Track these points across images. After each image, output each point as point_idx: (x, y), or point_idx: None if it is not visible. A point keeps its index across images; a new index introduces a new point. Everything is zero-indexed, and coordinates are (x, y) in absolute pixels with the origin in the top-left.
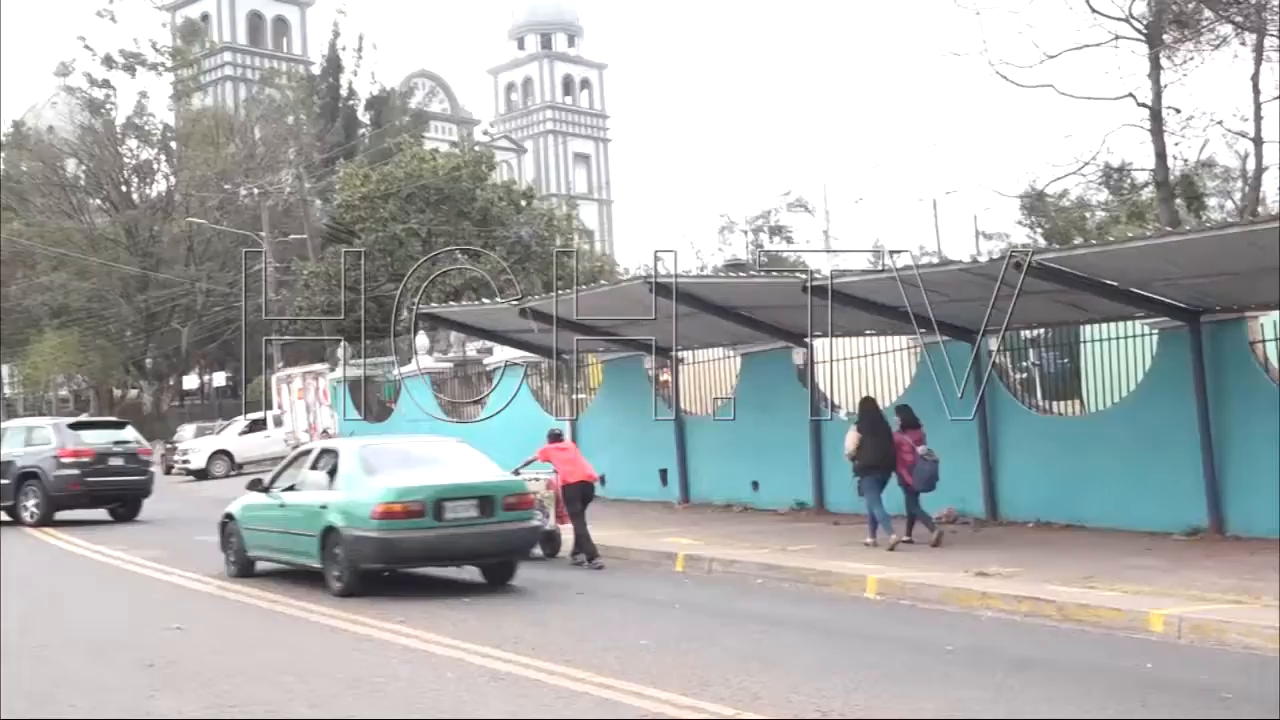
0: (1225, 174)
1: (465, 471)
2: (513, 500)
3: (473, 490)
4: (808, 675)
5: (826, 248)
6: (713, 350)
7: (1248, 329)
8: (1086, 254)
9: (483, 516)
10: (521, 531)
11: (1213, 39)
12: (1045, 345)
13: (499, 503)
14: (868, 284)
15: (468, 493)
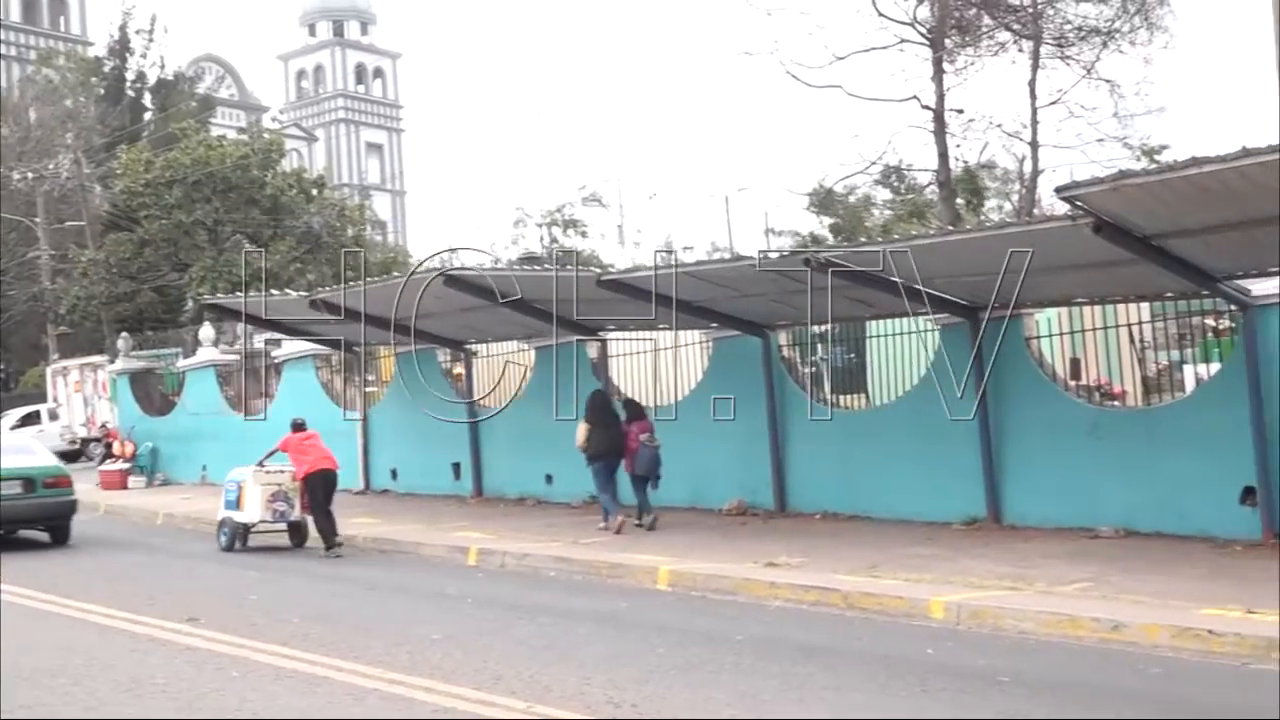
0: (1004, 176)
1: (16, 460)
2: (50, 481)
3: (16, 474)
4: (600, 667)
5: (621, 242)
6: (507, 343)
7: (1024, 326)
8: (870, 251)
9: (26, 493)
10: (57, 504)
11: (992, 45)
12: (833, 340)
13: (39, 483)
14: (660, 278)
15: (13, 475)
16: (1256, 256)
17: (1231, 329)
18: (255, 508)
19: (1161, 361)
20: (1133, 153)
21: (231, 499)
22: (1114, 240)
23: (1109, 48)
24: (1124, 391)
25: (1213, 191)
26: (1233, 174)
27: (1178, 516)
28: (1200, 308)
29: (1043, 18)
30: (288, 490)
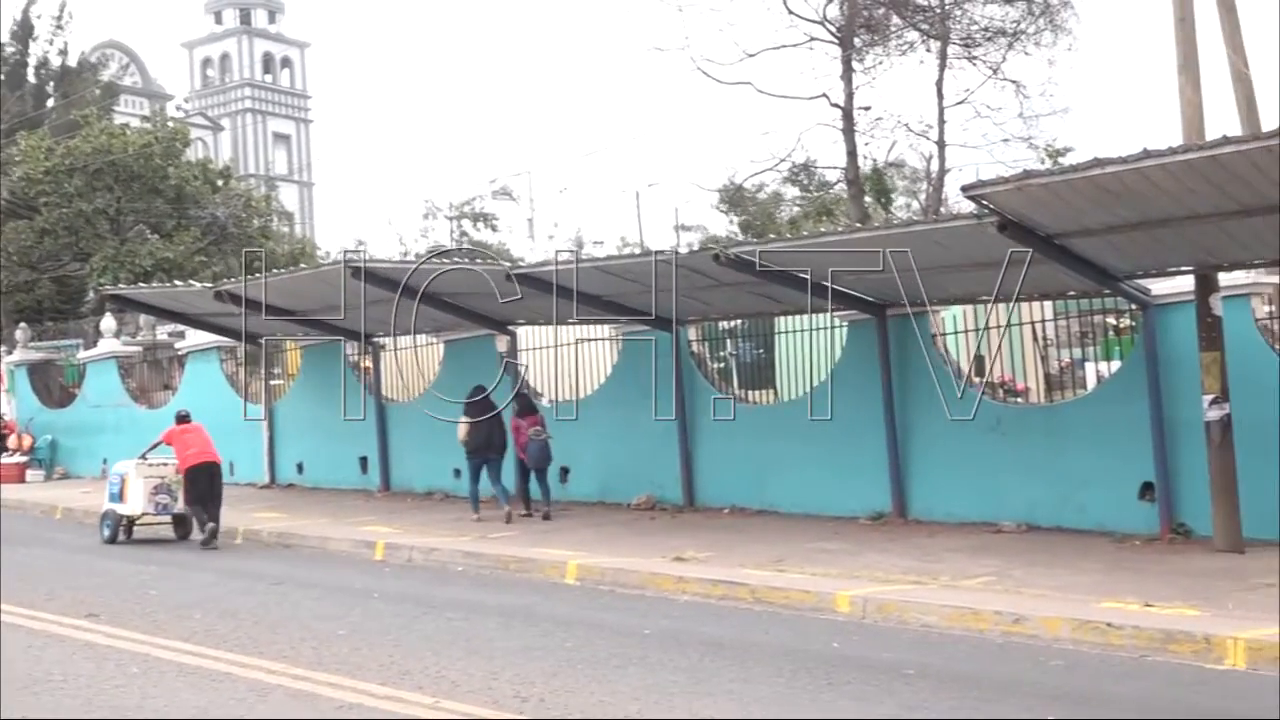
0: (912, 175)
1: None
2: None
3: None
4: (508, 662)
5: (531, 236)
6: (416, 337)
7: (930, 322)
8: (779, 248)
9: None
10: None
11: (901, 44)
12: (742, 336)
13: None
14: (570, 273)
15: None
16: (1157, 256)
17: (1132, 328)
18: (138, 500)
19: (1064, 359)
20: (1037, 153)
21: (115, 491)
22: (1018, 239)
23: (1014, 49)
24: (1027, 388)
25: (1114, 192)
26: (1134, 175)
27: (1078, 511)
28: (1102, 306)
29: (950, 18)
30: (170, 483)
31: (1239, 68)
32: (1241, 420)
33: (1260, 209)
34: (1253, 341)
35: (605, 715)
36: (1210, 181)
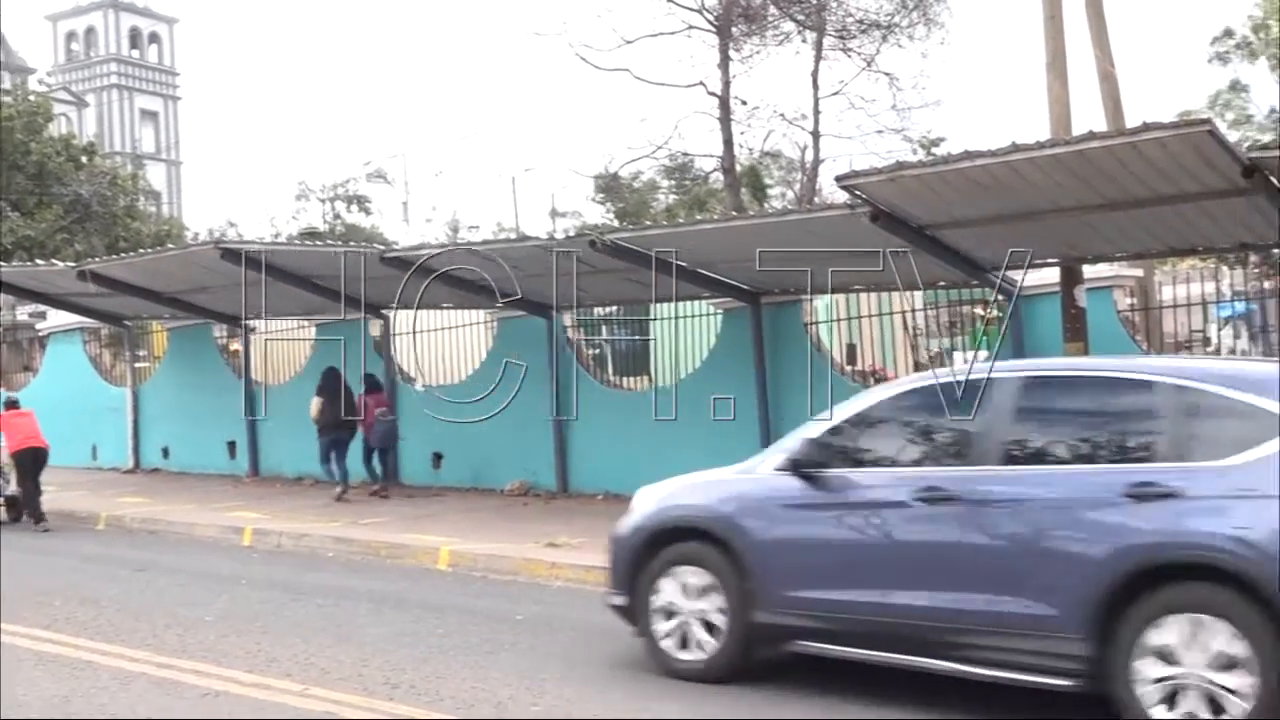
0: (788, 165)
1: None
2: None
3: None
4: (378, 648)
5: (406, 219)
6: (287, 320)
7: (803, 310)
8: (655, 234)
9: None
10: None
11: (777, 35)
12: (618, 322)
13: None
14: (444, 256)
15: None
16: (1024, 248)
17: (999, 318)
18: None
19: (933, 348)
20: (910, 145)
21: None
22: (890, 229)
23: (889, 41)
24: (897, 377)
25: (984, 185)
26: (1003, 168)
27: None
28: (970, 297)
29: (826, 10)
30: (3, 467)
31: (1105, 66)
32: None
33: (1123, 204)
34: (1115, 333)
35: (477, 701)
36: (1076, 176)
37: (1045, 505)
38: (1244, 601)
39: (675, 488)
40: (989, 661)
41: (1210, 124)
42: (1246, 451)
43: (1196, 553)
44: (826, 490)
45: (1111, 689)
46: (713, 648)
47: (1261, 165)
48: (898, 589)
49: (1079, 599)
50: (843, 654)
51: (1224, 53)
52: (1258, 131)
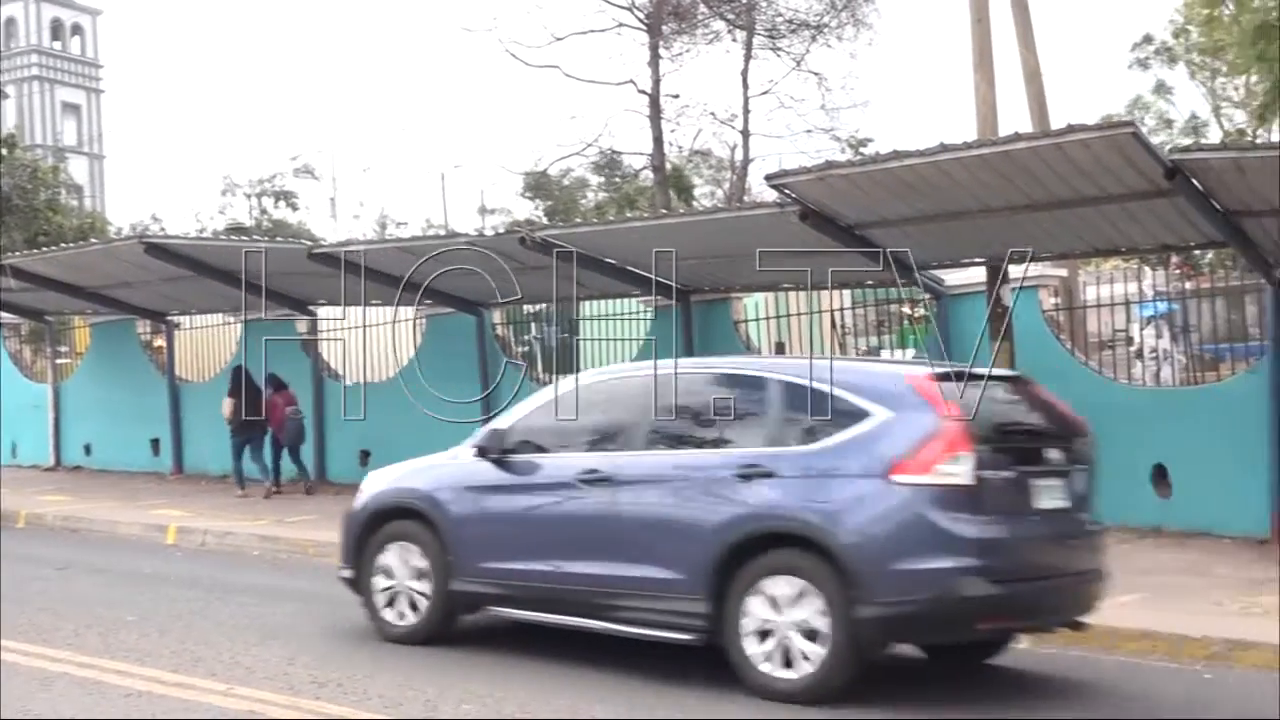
0: (717, 164)
1: None
2: None
3: None
4: (305, 646)
5: (334, 215)
6: (212, 316)
7: (733, 309)
8: (586, 231)
9: None
10: None
11: (707, 34)
12: (547, 320)
13: None
14: (374, 253)
15: None
16: (951, 248)
17: (926, 317)
18: None
19: (861, 347)
20: (839, 145)
21: None
22: (819, 228)
23: (818, 41)
24: None
25: (912, 184)
26: (930, 168)
27: None
28: (898, 296)
29: (755, 9)
30: None
31: (1031, 67)
32: None
33: (1048, 204)
34: (1040, 332)
35: (405, 700)
36: (1002, 176)
37: (674, 484)
38: (821, 562)
39: (397, 472)
40: (634, 621)
41: (1134, 126)
42: (831, 437)
43: (785, 523)
44: (510, 473)
45: (724, 640)
46: (421, 614)
47: (1183, 167)
48: (565, 559)
49: (699, 565)
50: (524, 617)
51: (1144, 58)
52: (1180, 134)
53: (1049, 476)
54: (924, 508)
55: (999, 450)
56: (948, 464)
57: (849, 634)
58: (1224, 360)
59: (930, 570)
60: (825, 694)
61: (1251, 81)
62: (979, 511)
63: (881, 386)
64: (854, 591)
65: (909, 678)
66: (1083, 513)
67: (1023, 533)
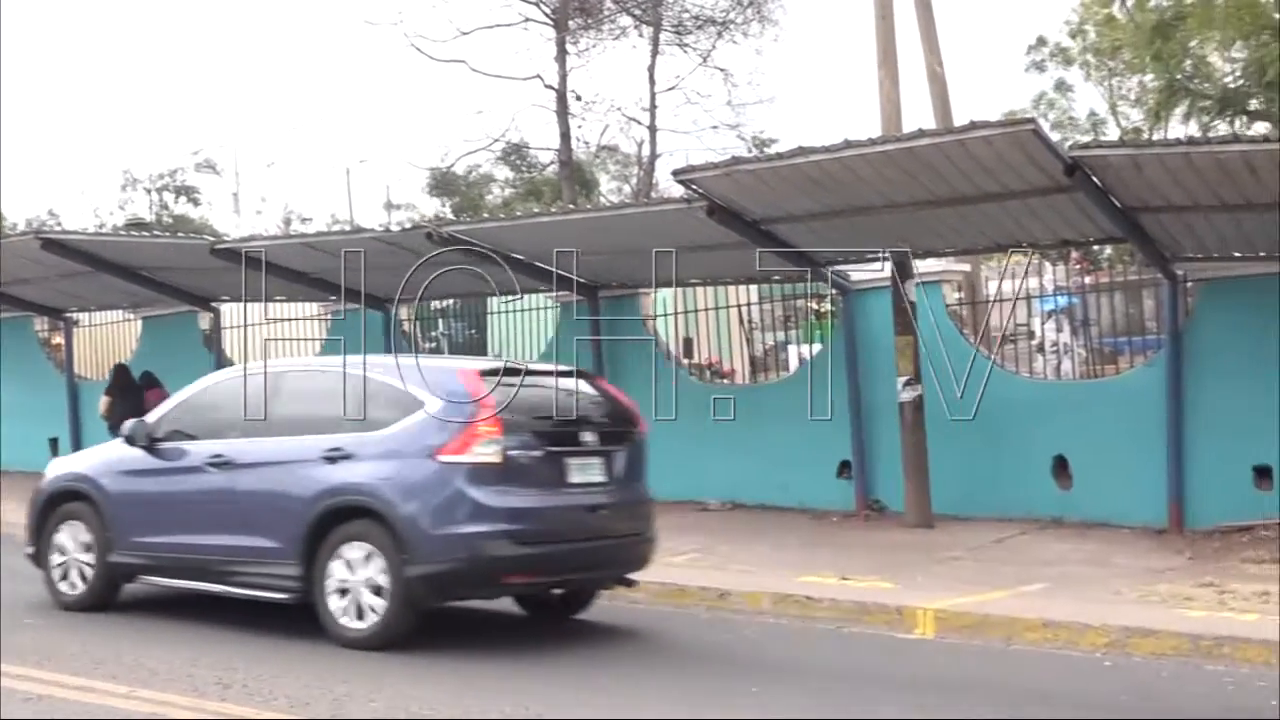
0: (624, 159)
1: None
2: None
3: None
4: (209, 648)
5: (237, 210)
6: (112, 312)
7: (641, 304)
8: (493, 227)
9: None
10: None
11: (614, 29)
12: (454, 315)
13: None
14: (278, 249)
15: None
16: (856, 243)
17: (832, 312)
18: None
19: (768, 342)
20: (745, 141)
21: None
22: (726, 224)
23: (724, 38)
24: (733, 370)
25: (818, 180)
26: (836, 164)
27: (781, 489)
28: (805, 291)
29: (662, 5)
30: None
31: (934, 65)
32: (932, 401)
33: (952, 200)
34: (944, 326)
35: (313, 699)
36: (907, 172)
37: (277, 466)
38: (383, 530)
39: (73, 458)
40: (247, 584)
41: (1035, 123)
42: (397, 424)
43: (357, 498)
44: (158, 458)
45: (313, 599)
46: (88, 584)
47: (1083, 164)
48: (196, 533)
49: (293, 535)
50: (170, 584)
51: (1040, 61)
52: (1079, 131)
53: (585, 456)
54: (462, 483)
55: (532, 434)
56: (481, 446)
57: (404, 590)
58: (1123, 354)
59: (464, 535)
60: (389, 640)
61: (1148, 80)
62: (508, 485)
63: (437, 380)
64: (406, 554)
65: (499, 630)
66: (627, 486)
67: (553, 503)
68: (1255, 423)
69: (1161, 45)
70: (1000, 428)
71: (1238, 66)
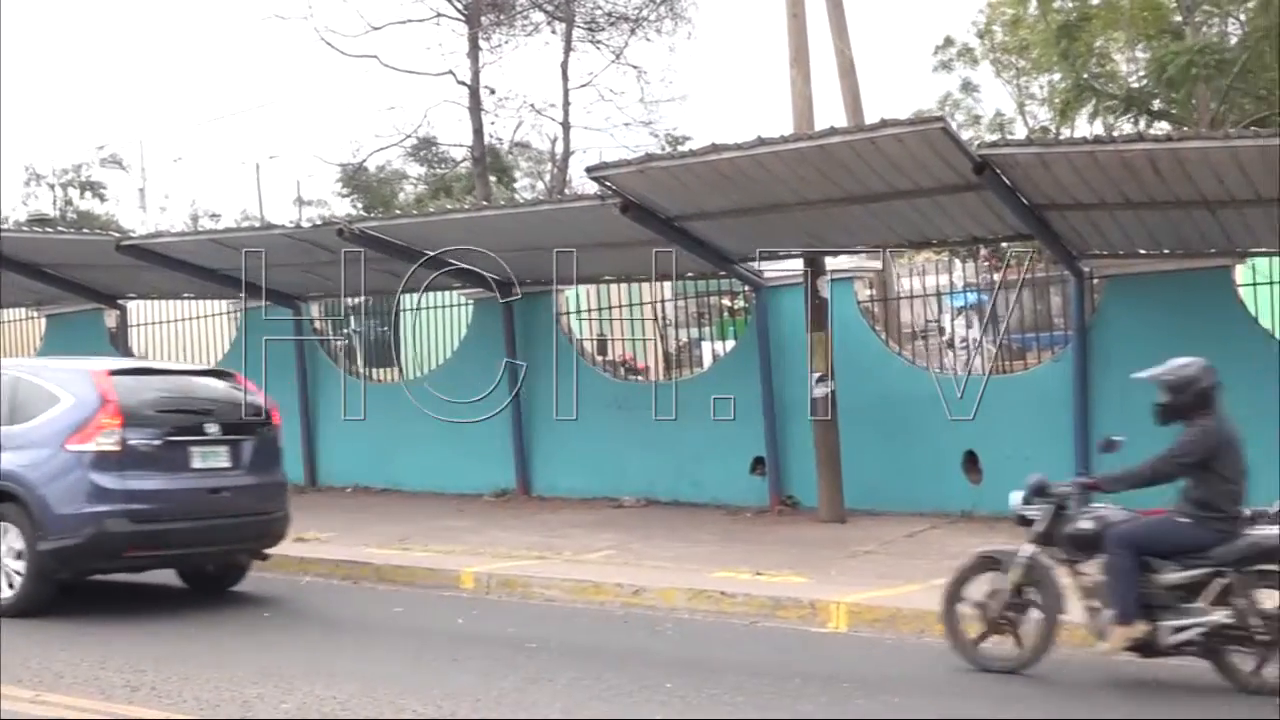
0: (537, 156)
1: None
2: None
3: None
4: (117, 650)
5: (143, 207)
6: (14, 310)
7: (555, 301)
8: (406, 223)
9: None
10: None
11: (526, 25)
12: (366, 313)
13: None
14: (186, 245)
15: None
16: (770, 240)
17: (745, 309)
18: None
19: (682, 339)
20: (659, 138)
21: None
22: (640, 221)
23: (637, 35)
24: (647, 367)
25: (731, 177)
26: (749, 161)
27: (694, 486)
28: (718, 288)
29: (575, 1)
30: None
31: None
32: (845, 397)
33: (863, 197)
34: (856, 323)
35: (222, 701)
36: (819, 170)
37: None
38: (21, 511)
39: None
40: None
41: (944, 121)
42: (38, 417)
43: (2, 483)
44: None
45: None
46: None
47: (991, 162)
48: None
49: None
50: None
51: (947, 60)
52: (987, 131)
53: (209, 445)
54: (85, 468)
55: (155, 426)
56: (102, 436)
57: (38, 564)
58: (1031, 349)
59: (87, 514)
60: (29, 609)
61: (1055, 79)
62: (129, 470)
63: (71, 379)
64: (39, 532)
65: (161, 602)
66: (255, 471)
67: (173, 486)
68: None
69: (1069, 45)
70: (911, 423)
71: (1141, 66)
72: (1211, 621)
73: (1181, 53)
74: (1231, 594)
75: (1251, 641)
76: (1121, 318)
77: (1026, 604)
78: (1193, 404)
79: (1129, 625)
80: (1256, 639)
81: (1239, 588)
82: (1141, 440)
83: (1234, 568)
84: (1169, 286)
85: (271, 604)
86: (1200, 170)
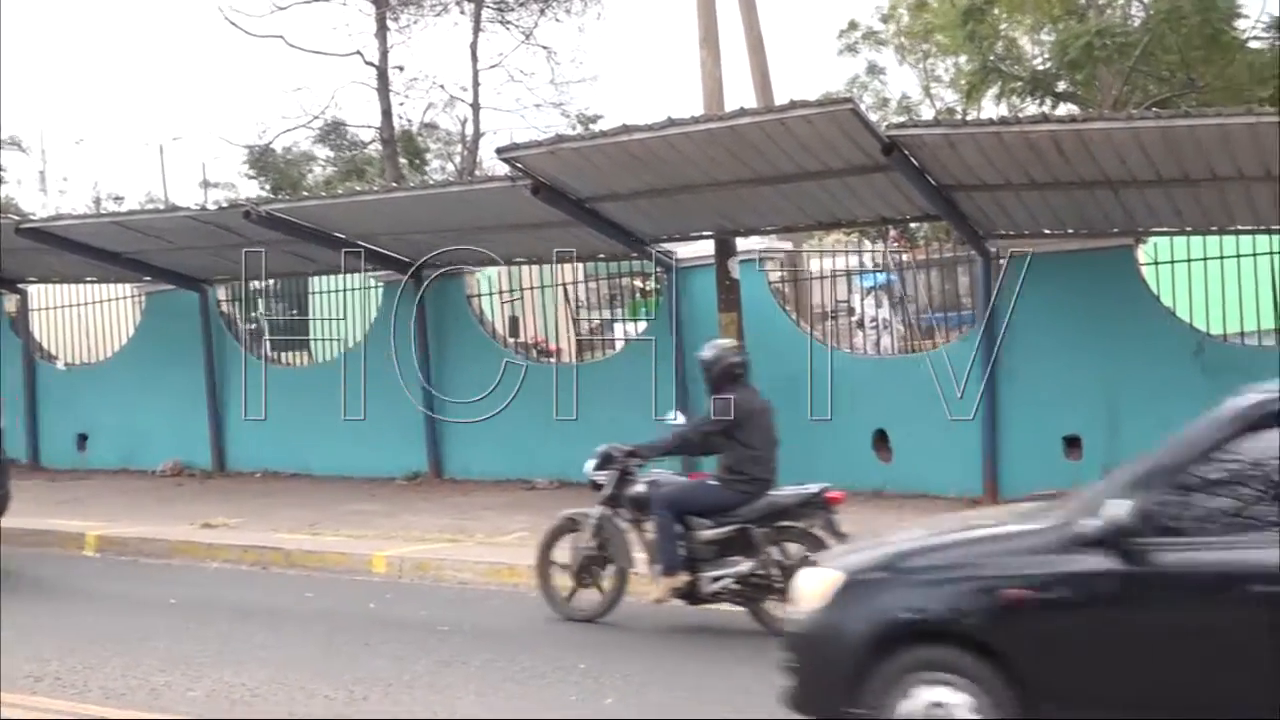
0: (447, 137)
1: None
2: None
3: None
4: (19, 637)
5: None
6: None
7: (466, 283)
8: (314, 206)
9: None
10: None
11: (435, 5)
12: (275, 296)
13: None
14: (88, 228)
15: None
16: (681, 221)
17: (657, 290)
18: None
19: (594, 320)
20: (569, 119)
21: None
22: (551, 202)
23: (546, 15)
24: (559, 349)
25: (642, 158)
26: (659, 142)
27: None
28: (630, 269)
29: None
30: None
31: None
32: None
33: (773, 178)
34: (766, 303)
35: (129, 690)
36: (729, 151)
37: None
38: None
39: None
40: None
41: (853, 103)
42: None
43: None
44: None
45: None
46: None
47: (899, 143)
48: None
49: None
50: None
51: (853, 44)
52: (893, 113)
53: None
54: None
55: None
56: None
57: None
58: (939, 328)
59: None
60: None
61: (961, 61)
62: None
63: None
64: None
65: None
66: None
67: None
68: (1065, 395)
69: (975, 27)
70: (822, 402)
71: (1045, 49)
72: (738, 572)
73: (1082, 35)
74: (755, 547)
75: (772, 589)
76: (1027, 297)
77: (605, 559)
78: (719, 379)
79: (673, 576)
80: (775, 586)
81: (761, 541)
82: (1049, 418)
83: (757, 524)
84: (1074, 266)
85: (179, 590)
86: (1103, 151)
